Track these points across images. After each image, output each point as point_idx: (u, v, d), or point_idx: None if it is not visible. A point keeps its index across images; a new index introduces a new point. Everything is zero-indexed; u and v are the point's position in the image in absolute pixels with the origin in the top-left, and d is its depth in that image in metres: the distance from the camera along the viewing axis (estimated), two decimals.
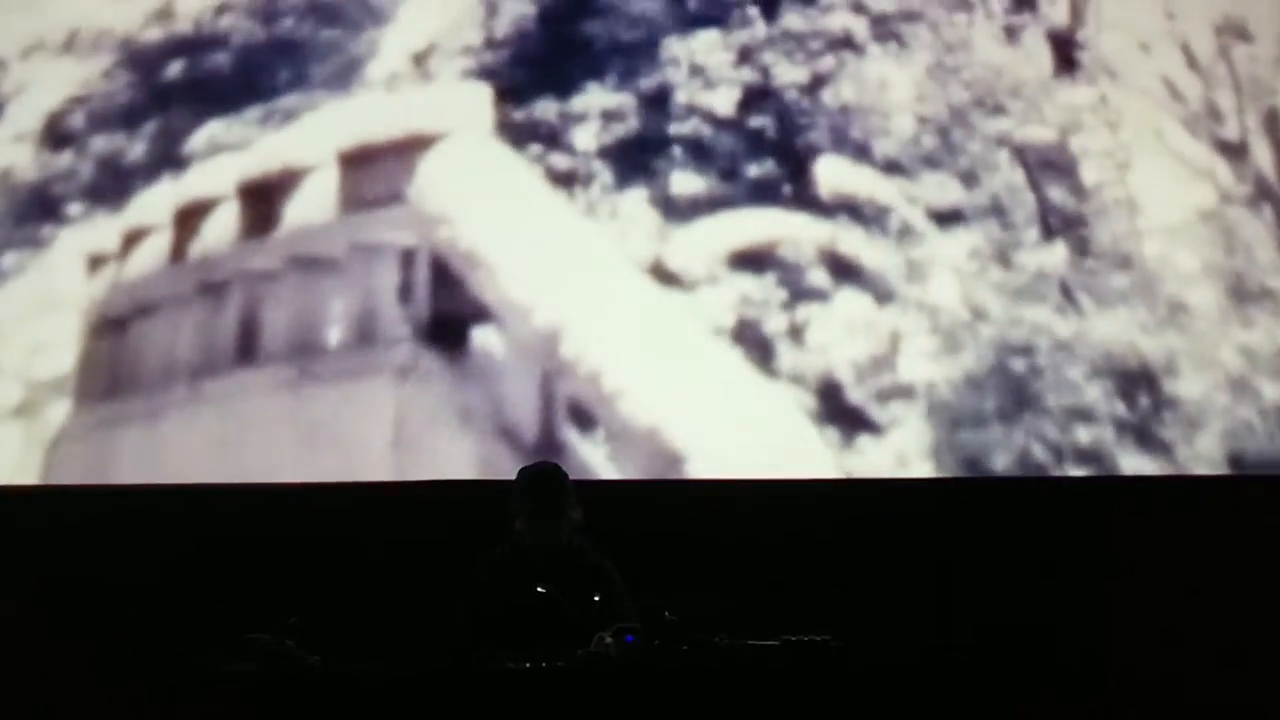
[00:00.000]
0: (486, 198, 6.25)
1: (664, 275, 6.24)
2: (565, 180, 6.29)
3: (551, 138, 6.31)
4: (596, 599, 4.76)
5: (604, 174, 6.32)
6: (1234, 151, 6.47)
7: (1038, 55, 6.52)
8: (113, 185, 6.26)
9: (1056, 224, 6.40)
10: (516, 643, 4.52)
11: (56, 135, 6.31)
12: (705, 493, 6.15)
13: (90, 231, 6.24)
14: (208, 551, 5.97)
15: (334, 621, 4.79)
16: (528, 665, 4.40)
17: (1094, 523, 6.13)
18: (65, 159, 6.29)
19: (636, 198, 6.30)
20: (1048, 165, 6.43)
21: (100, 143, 6.31)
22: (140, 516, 6.06)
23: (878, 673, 4.44)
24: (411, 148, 6.27)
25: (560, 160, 6.30)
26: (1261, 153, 6.48)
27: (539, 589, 4.74)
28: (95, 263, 6.23)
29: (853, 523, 6.09)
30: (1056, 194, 6.43)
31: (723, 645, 4.46)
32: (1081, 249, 6.40)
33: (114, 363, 6.21)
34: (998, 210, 6.40)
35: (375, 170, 6.26)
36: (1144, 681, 5.60)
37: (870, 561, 6.03)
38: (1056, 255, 6.40)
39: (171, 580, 5.90)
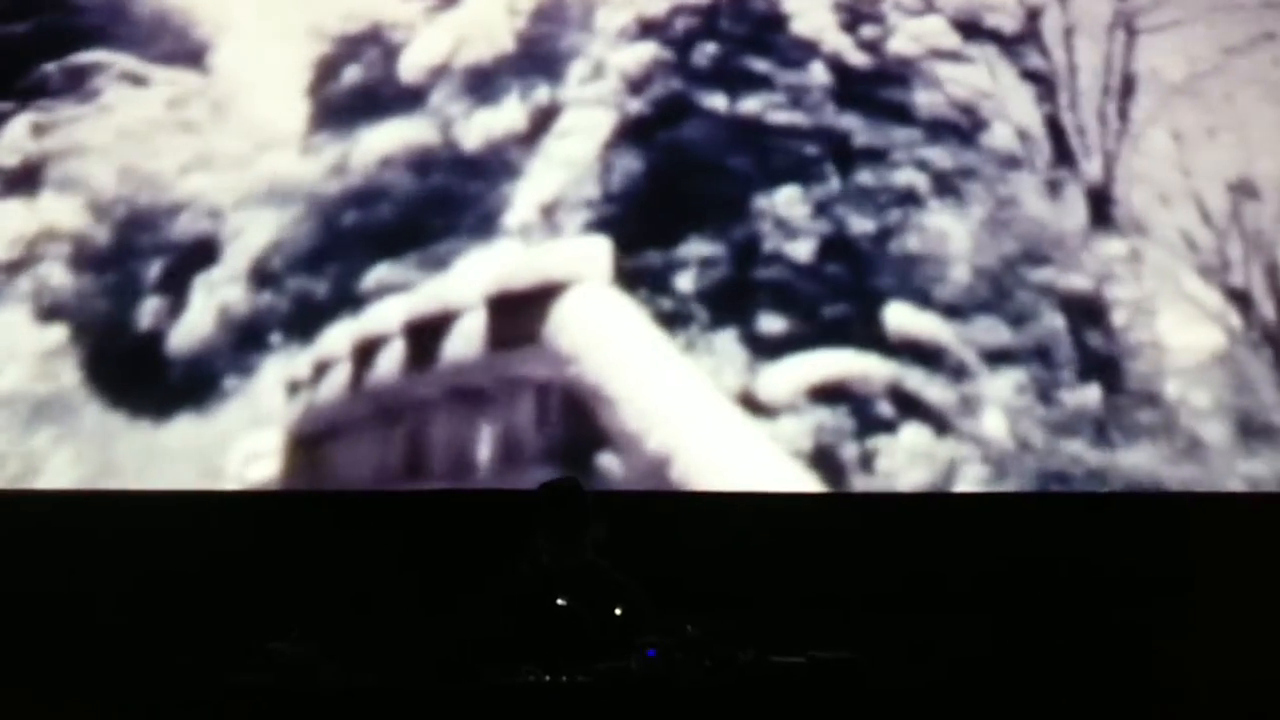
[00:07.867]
0: (607, 338, 6.88)
1: (753, 405, 6.81)
2: (669, 320, 6.90)
3: (658, 283, 6.90)
4: (618, 612, 4.65)
5: (701, 315, 6.89)
6: (1241, 299, 6.85)
7: (1076, 209, 6.93)
8: (305, 320, 6.99)
9: (1091, 365, 6.80)
10: (537, 657, 4.42)
11: (261, 276, 7.02)
12: (728, 504, 6.51)
13: (288, 360, 6.96)
14: (230, 559, 6.19)
15: (352, 632, 4.79)
16: (548, 679, 4.25)
17: (1107, 537, 6.50)
18: (267, 297, 7.02)
19: (728, 336, 6.87)
20: (1085, 312, 6.83)
21: (294, 283, 7.02)
22: (164, 521, 6.37)
23: (902, 692, 4.35)
24: (545, 295, 6.92)
25: (665, 302, 6.91)
26: (1264, 300, 6.88)
27: (559, 601, 4.65)
28: (293, 388, 6.94)
29: (878, 537, 6.43)
30: (1092, 338, 6.83)
31: (746, 661, 4.22)
32: (1113, 388, 6.78)
33: (310, 473, 6.94)
34: (1041, 352, 6.81)
35: (516, 314, 6.90)
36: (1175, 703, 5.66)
37: (897, 577, 6.34)
38: (1091, 395, 6.79)
39: (193, 589, 6.12)
